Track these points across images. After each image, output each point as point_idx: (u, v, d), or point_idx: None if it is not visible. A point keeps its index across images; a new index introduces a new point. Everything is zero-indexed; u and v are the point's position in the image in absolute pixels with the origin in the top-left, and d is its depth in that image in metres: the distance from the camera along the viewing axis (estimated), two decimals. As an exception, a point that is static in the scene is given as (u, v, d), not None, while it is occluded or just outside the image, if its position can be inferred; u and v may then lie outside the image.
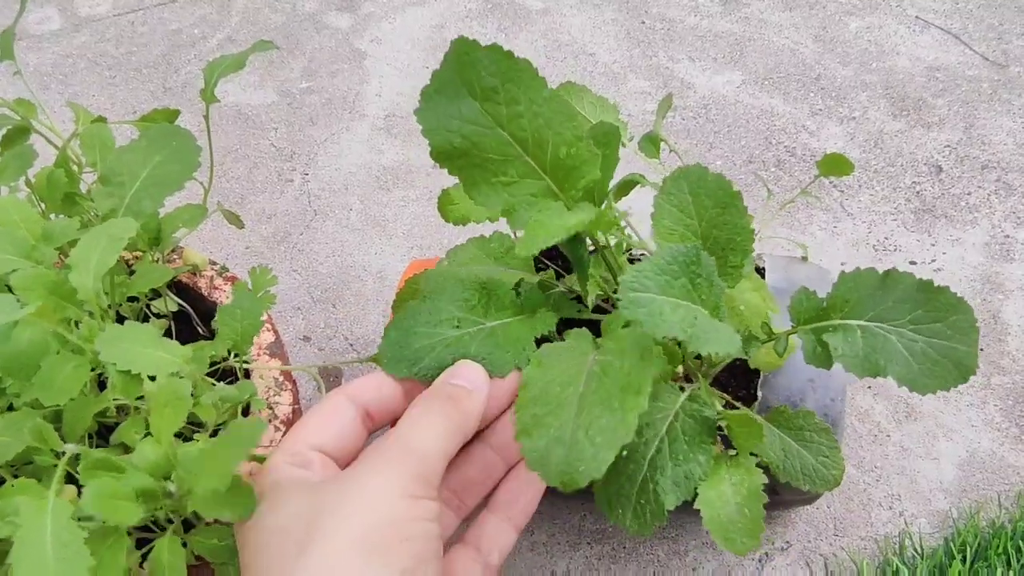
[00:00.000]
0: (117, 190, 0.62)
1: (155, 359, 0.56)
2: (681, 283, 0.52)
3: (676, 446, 0.58)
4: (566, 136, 0.59)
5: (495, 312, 0.59)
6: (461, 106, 0.56)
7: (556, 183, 0.60)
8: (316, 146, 1.26)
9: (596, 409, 0.47)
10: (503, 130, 0.58)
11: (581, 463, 0.45)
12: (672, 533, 0.87)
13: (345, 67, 1.38)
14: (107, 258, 0.56)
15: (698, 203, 0.62)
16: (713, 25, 1.43)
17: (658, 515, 0.56)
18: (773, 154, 1.23)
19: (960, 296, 0.50)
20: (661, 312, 0.49)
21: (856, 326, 0.55)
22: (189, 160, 0.63)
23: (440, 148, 0.56)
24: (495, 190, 0.59)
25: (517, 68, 0.57)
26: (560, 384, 0.49)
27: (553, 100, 0.59)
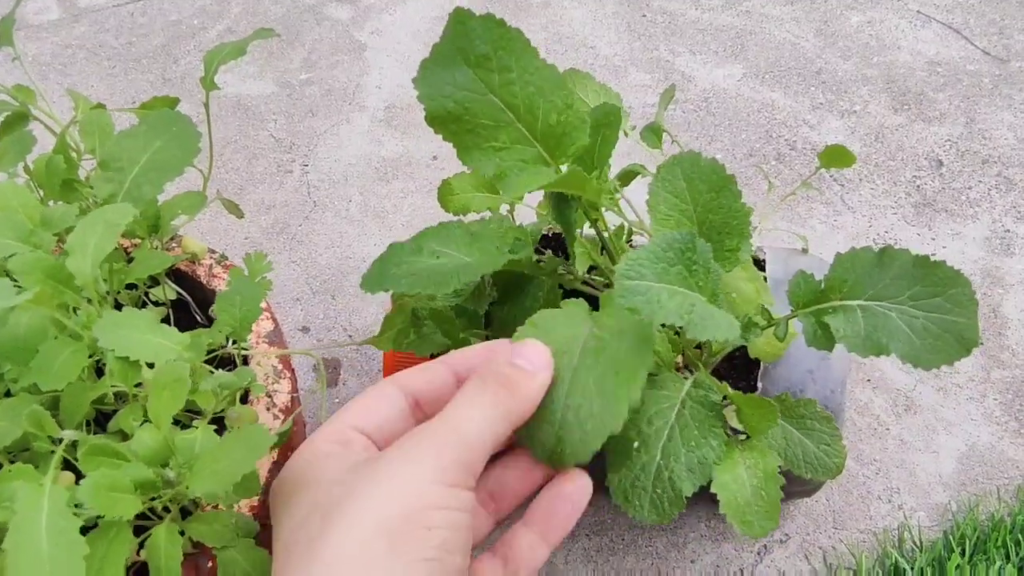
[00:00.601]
0: (116, 175, 0.62)
1: (153, 345, 0.55)
2: (677, 270, 0.52)
3: (687, 432, 0.57)
4: (556, 104, 0.61)
5: (477, 253, 0.61)
6: (456, 73, 0.58)
7: (547, 149, 0.62)
8: (316, 137, 1.26)
9: (589, 391, 0.46)
10: (495, 96, 0.60)
11: (568, 447, 0.45)
12: (670, 525, 0.87)
13: (345, 58, 1.37)
14: (105, 244, 0.56)
15: (692, 188, 0.62)
16: (714, 19, 1.43)
17: (676, 503, 0.56)
18: (773, 148, 1.23)
19: (957, 269, 0.50)
20: (658, 299, 0.49)
21: (856, 306, 0.55)
22: (189, 146, 0.63)
23: (434, 113, 0.58)
24: (487, 155, 0.61)
25: (509, 36, 0.58)
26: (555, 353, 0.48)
27: (544, 68, 0.61)
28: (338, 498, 0.38)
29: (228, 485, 0.50)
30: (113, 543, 0.51)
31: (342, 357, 1.01)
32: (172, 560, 0.53)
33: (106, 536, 0.51)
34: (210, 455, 0.51)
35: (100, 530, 0.51)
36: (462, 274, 0.61)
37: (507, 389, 0.42)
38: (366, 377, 0.99)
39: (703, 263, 0.53)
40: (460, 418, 0.40)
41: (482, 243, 0.66)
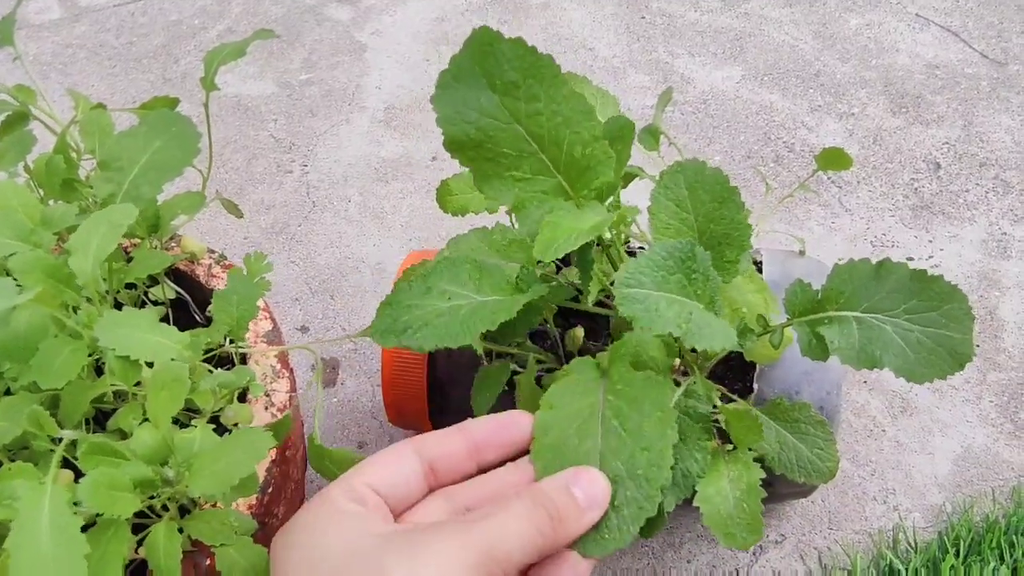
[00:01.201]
0: (116, 175, 0.62)
1: (153, 344, 0.56)
2: (677, 279, 0.52)
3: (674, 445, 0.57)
4: (583, 136, 0.58)
5: (488, 289, 0.60)
6: (480, 97, 0.55)
7: (569, 182, 0.60)
8: (315, 138, 1.26)
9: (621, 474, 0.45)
10: (520, 126, 0.58)
11: (607, 532, 0.43)
12: (668, 524, 0.88)
13: (345, 59, 1.38)
14: (107, 244, 0.56)
15: (695, 197, 0.62)
16: (713, 20, 1.43)
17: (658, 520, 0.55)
18: (772, 149, 1.24)
19: (954, 284, 0.51)
20: (657, 308, 0.49)
21: (851, 317, 0.55)
22: (189, 146, 0.63)
23: (454, 138, 0.56)
24: (506, 185, 0.59)
25: (540, 64, 0.56)
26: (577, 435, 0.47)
27: (573, 98, 0.58)
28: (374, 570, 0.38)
29: (227, 487, 0.51)
30: (112, 541, 0.52)
31: (341, 357, 1.02)
32: (171, 558, 0.53)
33: (105, 534, 0.51)
34: (210, 456, 0.52)
35: (99, 528, 0.51)
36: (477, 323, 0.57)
37: (555, 520, 0.41)
38: (364, 377, 1.00)
39: (703, 272, 0.53)
40: (499, 529, 0.39)
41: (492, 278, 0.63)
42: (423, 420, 0.85)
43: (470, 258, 0.63)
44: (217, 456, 0.52)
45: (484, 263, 0.61)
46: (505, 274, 0.61)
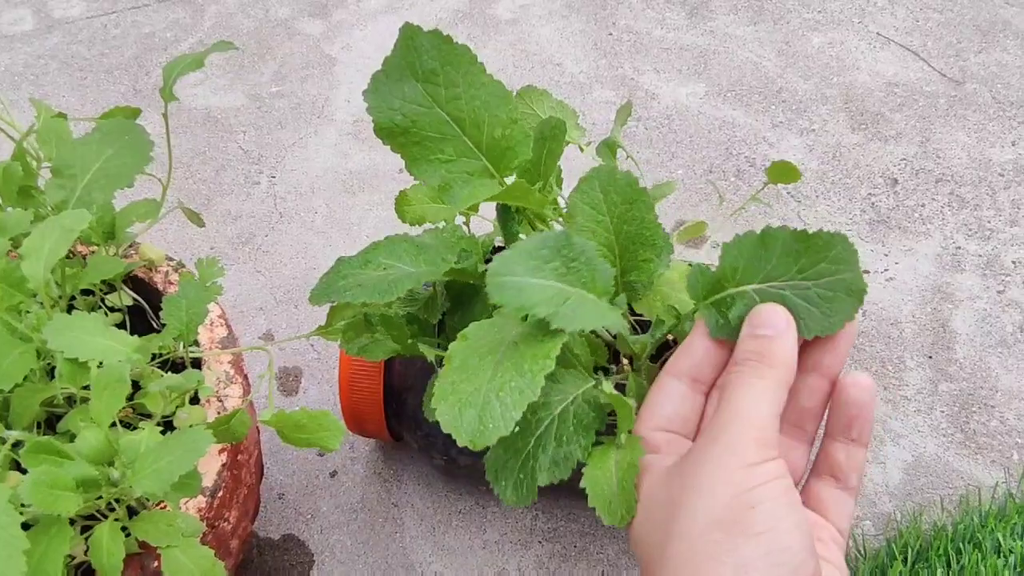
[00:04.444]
0: (69, 182, 0.63)
1: (102, 347, 0.57)
2: (553, 266, 0.54)
3: (563, 428, 0.60)
4: (501, 118, 0.64)
5: (423, 264, 0.64)
6: (404, 87, 0.61)
7: (492, 162, 0.65)
8: (284, 149, 1.27)
9: (508, 373, 0.51)
10: (442, 110, 0.63)
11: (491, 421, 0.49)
12: (623, 532, 0.89)
13: (315, 72, 1.39)
14: (59, 248, 0.57)
15: (608, 200, 0.64)
16: (679, 38, 1.46)
17: (531, 492, 0.58)
18: (733, 164, 1.26)
19: (834, 231, 0.52)
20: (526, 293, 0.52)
21: (751, 291, 0.57)
22: (141, 154, 0.64)
23: (382, 125, 0.61)
24: (434, 167, 0.64)
25: (456, 52, 0.62)
26: (479, 355, 0.53)
27: (490, 84, 0.64)
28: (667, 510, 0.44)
29: (167, 484, 0.52)
30: (54, 540, 0.52)
31: (303, 366, 1.03)
32: (114, 557, 0.54)
33: (47, 533, 0.52)
34: (151, 454, 0.53)
35: (40, 527, 0.52)
36: (405, 282, 0.64)
37: (764, 361, 0.46)
38: (326, 385, 1.01)
39: (585, 261, 0.56)
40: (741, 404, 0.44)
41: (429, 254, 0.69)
42: (380, 427, 0.86)
43: (410, 238, 0.68)
44: (159, 455, 0.53)
45: (424, 243, 0.65)
46: (441, 253, 0.66)
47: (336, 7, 1.52)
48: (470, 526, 0.90)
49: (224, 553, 0.69)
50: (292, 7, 1.52)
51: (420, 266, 0.68)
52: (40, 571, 0.51)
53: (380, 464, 0.95)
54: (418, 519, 0.91)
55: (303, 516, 0.91)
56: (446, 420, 0.54)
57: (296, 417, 0.61)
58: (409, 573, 0.87)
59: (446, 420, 0.54)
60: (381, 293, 0.64)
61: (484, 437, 0.53)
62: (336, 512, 0.91)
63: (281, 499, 0.92)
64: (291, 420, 0.61)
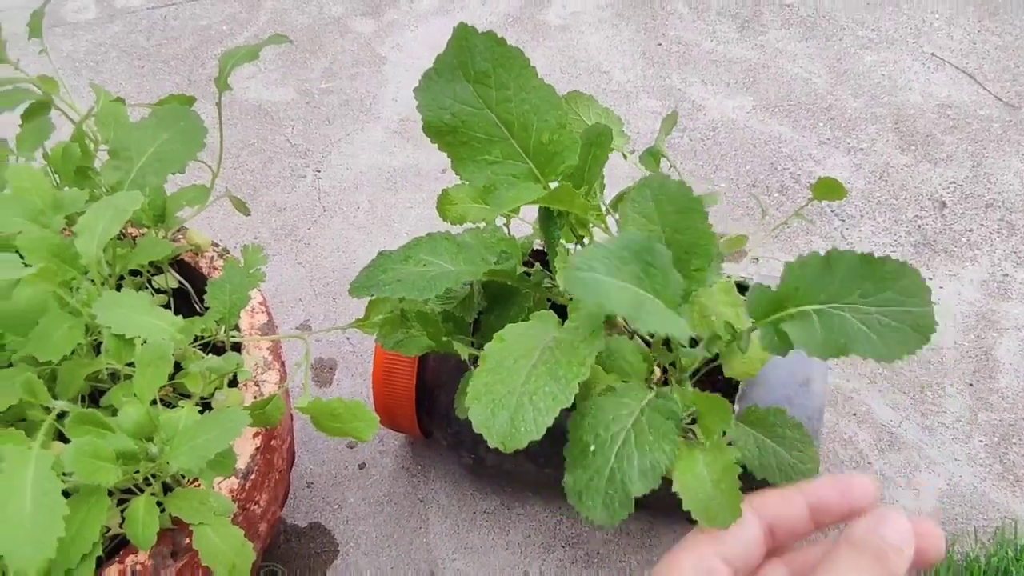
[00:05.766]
0: (124, 164, 0.65)
1: (148, 325, 0.58)
2: (631, 269, 0.54)
3: (642, 438, 0.60)
4: (550, 123, 0.65)
5: (462, 263, 0.64)
6: (456, 86, 0.62)
7: (538, 166, 0.66)
8: (330, 145, 1.29)
9: (543, 379, 0.52)
10: (491, 112, 0.64)
11: (522, 425, 0.50)
12: (647, 542, 0.89)
13: (365, 70, 1.41)
14: (112, 227, 0.59)
15: (661, 210, 0.64)
16: (728, 51, 1.45)
17: (625, 504, 0.58)
18: (777, 180, 1.25)
19: (902, 261, 0.52)
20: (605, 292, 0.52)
21: (811, 311, 0.56)
22: (195, 140, 0.66)
23: (431, 123, 0.62)
24: (480, 168, 0.65)
25: (509, 55, 0.63)
26: (515, 358, 0.54)
27: (541, 88, 0.65)
28: None
29: (203, 461, 0.53)
30: (92, 509, 0.54)
31: (338, 358, 1.04)
32: (148, 529, 0.56)
33: (86, 502, 0.54)
34: (190, 431, 0.54)
35: (80, 496, 0.54)
36: (444, 280, 0.64)
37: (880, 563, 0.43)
38: (360, 379, 1.02)
39: (661, 268, 0.56)
40: None
41: (469, 254, 0.70)
42: (411, 422, 0.87)
43: (451, 236, 0.68)
44: (197, 432, 0.54)
45: (464, 242, 0.66)
46: (481, 253, 0.67)
47: (389, 7, 1.54)
48: (494, 526, 0.90)
49: (252, 536, 0.70)
50: (346, 5, 1.54)
51: (460, 265, 0.69)
52: (78, 538, 0.52)
53: (408, 459, 0.95)
54: (443, 516, 0.91)
55: (330, 506, 0.92)
56: (478, 420, 0.54)
57: (331, 406, 0.62)
58: (431, 569, 0.87)
59: (478, 420, 0.54)
60: (420, 290, 0.65)
61: (515, 439, 0.53)
62: (363, 504, 0.92)
63: (310, 488, 0.93)
64: (326, 408, 0.62)
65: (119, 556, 0.60)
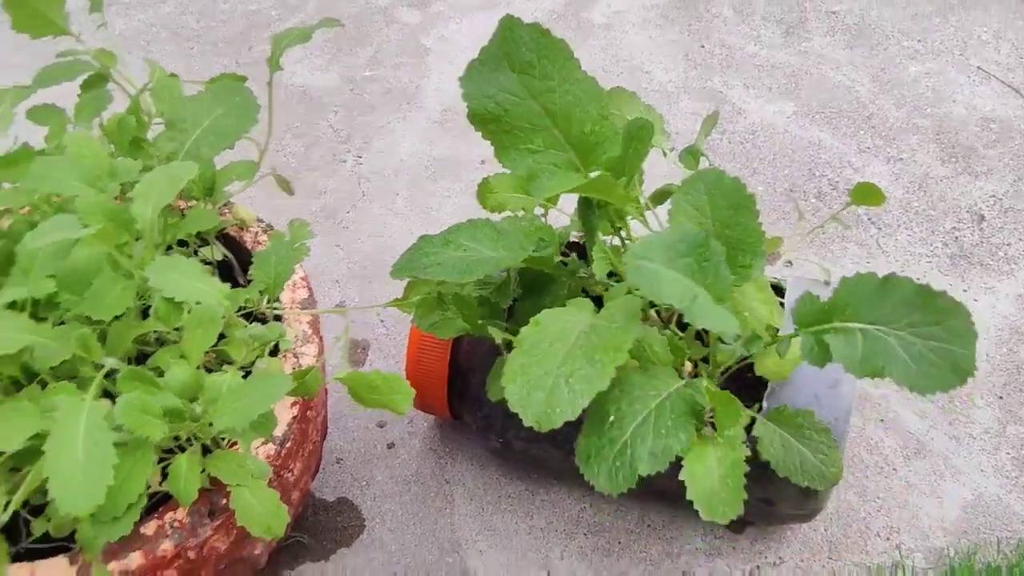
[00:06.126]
0: (179, 135, 0.67)
1: (197, 290, 0.60)
2: (687, 262, 0.56)
3: (661, 421, 0.61)
4: (592, 114, 0.66)
5: (502, 249, 0.66)
6: (501, 76, 0.64)
7: (579, 156, 0.68)
8: (372, 132, 1.31)
9: (579, 361, 0.54)
10: (535, 102, 0.66)
11: (558, 405, 0.52)
12: (668, 535, 0.89)
13: (409, 60, 1.43)
14: (167, 194, 0.61)
15: (713, 203, 0.65)
16: (772, 56, 1.45)
17: (628, 479, 0.60)
18: (815, 185, 1.25)
19: (957, 300, 0.52)
20: (662, 282, 0.54)
21: (856, 329, 0.58)
22: (248, 115, 0.68)
23: (476, 112, 0.66)
24: (522, 156, 0.67)
25: (554, 46, 0.64)
26: (551, 341, 0.56)
27: (584, 80, 0.66)
28: None
29: (246, 421, 0.55)
30: (139, 462, 0.56)
31: (372, 340, 1.06)
32: (191, 485, 0.58)
33: (134, 454, 0.56)
34: (234, 393, 0.56)
35: (128, 448, 0.56)
36: (484, 266, 0.66)
37: None
38: (392, 360, 1.04)
39: (714, 263, 0.57)
40: None
41: (507, 240, 0.71)
42: (442, 404, 0.88)
43: (491, 223, 0.70)
44: (241, 394, 0.56)
45: (504, 229, 0.67)
46: (520, 240, 0.68)
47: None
48: (518, 510, 0.92)
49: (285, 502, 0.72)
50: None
51: (499, 251, 0.70)
52: (125, 488, 0.54)
53: (436, 441, 0.97)
54: (468, 498, 0.93)
55: (359, 482, 0.94)
56: (514, 399, 0.56)
57: (370, 378, 0.63)
58: (455, 548, 0.89)
59: (514, 399, 0.56)
60: (460, 273, 0.66)
61: (550, 419, 0.55)
62: (390, 482, 0.94)
63: (339, 464, 0.95)
64: (365, 380, 0.63)
65: (158, 512, 0.63)
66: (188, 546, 0.63)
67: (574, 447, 0.83)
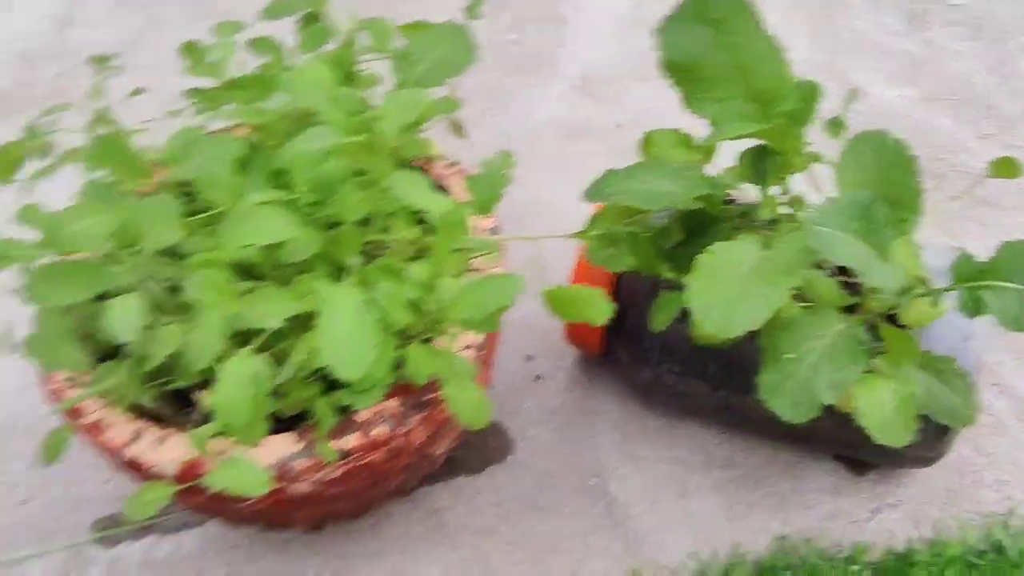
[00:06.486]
0: (409, 67, 0.76)
1: (432, 200, 0.69)
2: (857, 225, 0.64)
3: (836, 357, 0.68)
4: (771, 70, 0.74)
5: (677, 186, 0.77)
6: (694, 30, 0.71)
7: (757, 108, 0.75)
8: (515, 92, 1.39)
9: (756, 282, 0.62)
10: (723, 55, 0.74)
11: (739, 316, 0.60)
12: (797, 472, 0.96)
13: (549, 28, 1.51)
14: (407, 115, 0.70)
15: (878, 161, 0.73)
16: (896, 43, 1.50)
17: (812, 408, 0.67)
18: (933, 168, 1.30)
19: None
20: (837, 244, 0.61)
21: (1013, 288, 0.65)
22: (467, 54, 0.77)
23: (670, 60, 0.72)
24: (706, 104, 0.75)
25: (742, 6, 0.72)
26: (726, 267, 0.64)
27: (766, 39, 0.74)
28: None
29: (484, 313, 0.64)
30: (386, 343, 0.65)
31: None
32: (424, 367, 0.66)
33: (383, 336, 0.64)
34: (472, 289, 0.65)
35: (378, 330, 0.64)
36: (665, 198, 0.74)
37: None
38: (537, 300, 1.12)
39: (879, 224, 0.64)
40: None
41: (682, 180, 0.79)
42: (597, 338, 0.96)
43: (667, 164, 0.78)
44: (478, 291, 0.64)
45: (677, 170, 0.75)
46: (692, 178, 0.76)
47: (572, -28, 1.63)
48: (657, 442, 0.99)
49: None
50: (532, -34, 1.64)
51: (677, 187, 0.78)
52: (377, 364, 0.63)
53: (581, 376, 1.05)
54: (610, 428, 1.00)
55: (508, 409, 1.02)
56: (699, 310, 0.64)
57: (572, 292, 0.71)
58: (597, 472, 0.97)
59: (699, 310, 0.64)
60: (648, 201, 0.75)
61: (731, 327, 0.63)
62: (537, 411, 1.02)
63: (491, 391, 1.04)
64: (567, 294, 0.71)
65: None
66: (397, 433, 0.72)
67: (722, 383, 0.91)
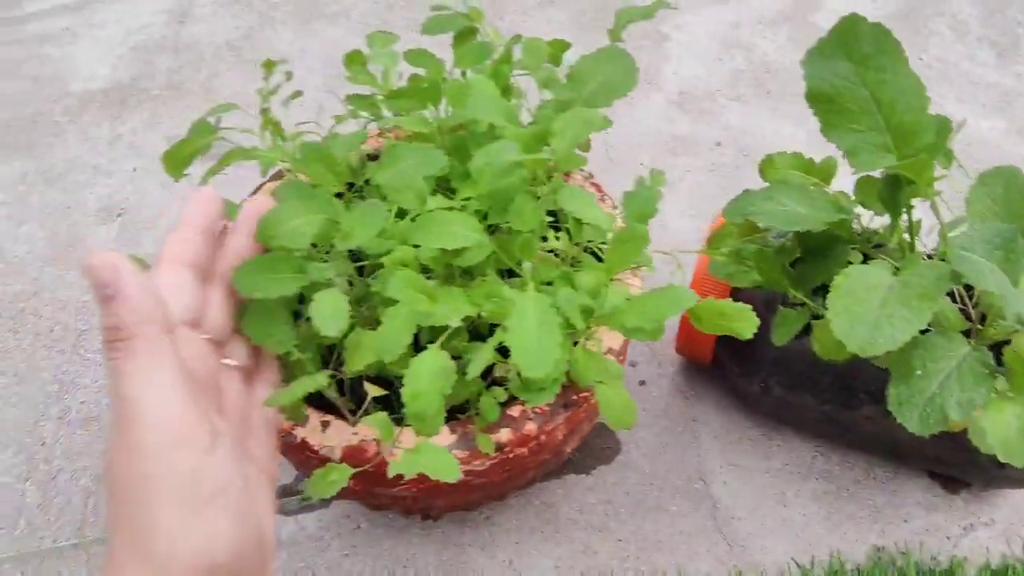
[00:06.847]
0: (577, 87, 0.81)
1: (598, 215, 0.73)
2: (999, 254, 0.69)
3: (964, 377, 0.73)
4: (913, 106, 0.78)
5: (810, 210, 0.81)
6: (837, 64, 0.75)
7: (894, 140, 0.80)
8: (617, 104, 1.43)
9: (896, 306, 0.66)
10: (865, 88, 0.78)
11: (880, 337, 0.64)
12: (892, 487, 1.01)
13: (648, 44, 1.55)
14: (581, 133, 0.75)
15: (1008, 196, 0.78)
16: (985, 75, 1.54)
17: (940, 423, 0.72)
18: (1024, 201, 1.34)
19: None
20: (981, 271, 0.66)
21: None
22: (631, 77, 0.81)
23: (814, 91, 0.76)
24: (845, 134, 0.80)
25: (890, 44, 0.77)
26: (864, 289, 0.68)
27: (911, 76, 0.79)
28: None
29: (655, 323, 0.68)
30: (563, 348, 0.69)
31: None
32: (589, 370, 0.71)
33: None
34: (644, 300, 0.69)
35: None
36: (802, 220, 0.79)
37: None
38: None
39: (1018, 255, 0.69)
40: None
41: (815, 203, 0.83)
42: (708, 347, 1.01)
43: (803, 187, 0.83)
44: (651, 301, 0.69)
45: (810, 192, 0.80)
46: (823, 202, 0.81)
47: (666, -9, 1.67)
48: (757, 451, 1.04)
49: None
50: (624, -17, 1.68)
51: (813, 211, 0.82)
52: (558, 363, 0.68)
53: (683, 384, 1.10)
54: (712, 436, 1.05)
55: (614, 409, 1.07)
56: (840, 330, 0.69)
57: (721, 305, 0.76)
58: (701, 476, 1.02)
59: (840, 330, 0.69)
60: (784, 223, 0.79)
61: (873, 347, 0.67)
62: (643, 414, 1.07)
63: (597, 391, 1.09)
64: (716, 307, 0.76)
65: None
66: (543, 430, 0.77)
67: (830, 397, 0.95)
